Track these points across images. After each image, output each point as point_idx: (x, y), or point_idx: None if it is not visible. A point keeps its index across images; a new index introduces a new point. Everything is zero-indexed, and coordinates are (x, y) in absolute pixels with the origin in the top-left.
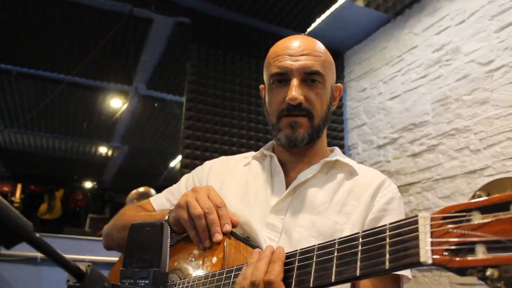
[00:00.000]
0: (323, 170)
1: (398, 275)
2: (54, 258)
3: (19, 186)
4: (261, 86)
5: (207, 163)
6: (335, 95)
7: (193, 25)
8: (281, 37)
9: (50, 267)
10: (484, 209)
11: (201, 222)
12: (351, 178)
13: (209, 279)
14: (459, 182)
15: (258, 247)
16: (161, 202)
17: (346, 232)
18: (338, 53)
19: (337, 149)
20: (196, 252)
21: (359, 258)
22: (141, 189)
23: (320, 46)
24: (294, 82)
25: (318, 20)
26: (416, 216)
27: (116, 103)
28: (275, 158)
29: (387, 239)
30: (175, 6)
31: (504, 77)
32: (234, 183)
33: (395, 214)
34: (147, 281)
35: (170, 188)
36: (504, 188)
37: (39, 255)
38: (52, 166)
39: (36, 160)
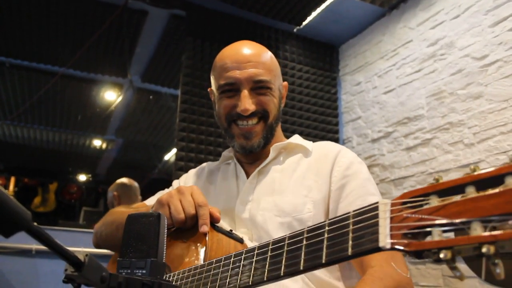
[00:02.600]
0: (278, 156)
1: None
2: (52, 248)
3: (12, 179)
4: (209, 89)
5: (189, 173)
6: (283, 94)
7: (188, 18)
8: (276, 30)
9: (45, 259)
10: (441, 192)
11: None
12: (307, 156)
13: (198, 271)
14: (453, 175)
15: (241, 239)
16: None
17: (309, 205)
18: (333, 46)
19: (295, 136)
20: (179, 246)
21: (325, 245)
22: (125, 181)
23: (264, 52)
24: (244, 93)
25: (314, 14)
26: (377, 202)
27: (111, 96)
28: (237, 162)
29: (350, 226)
30: None
31: (498, 71)
32: (207, 188)
33: (357, 177)
34: (144, 271)
35: (162, 192)
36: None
37: (34, 247)
38: (46, 159)
39: (29, 153)
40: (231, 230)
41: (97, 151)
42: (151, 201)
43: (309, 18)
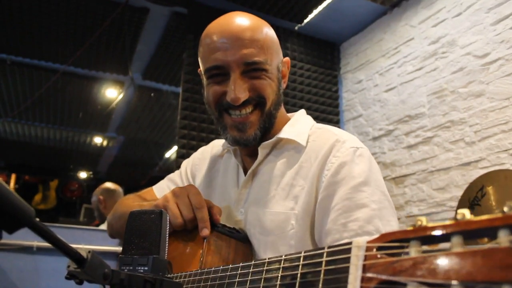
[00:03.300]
0: (268, 155)
1: None
2: (54, 244)
3: (13, 176)
4: (199, 70)
5: (198, 155)
6: (284, 72)
7: (189, 15)
8: (277, 28)
9: (46, 256)
10: (424, 239)
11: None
12: (298, 154)
13: (191, 278)
14: (454, 174)
15: (245, 237)
16: (163, 191)
17: (293, 220)
18: (335, 44)
19: (296, 115)
20: (178, 248)
21: (297, 283)
22: (110, 185)
23: (258, 26)
24: (234, 78)
25: (315, 12)
26: (350, 244)
27: (112, 93)
28: (235, 153)
29: (323, 266)
30: None
31: (500, 70)
32: (212, 187)
33: (346, 184)
34: (146, 268)
35: (171, 175)
36: (498, 180)
37: (35, 243)
38: (46, 156)
39: (30, 150)
40: (234, 228)
41: (98, 149)
42: (159, 186)
43: (310, 16)
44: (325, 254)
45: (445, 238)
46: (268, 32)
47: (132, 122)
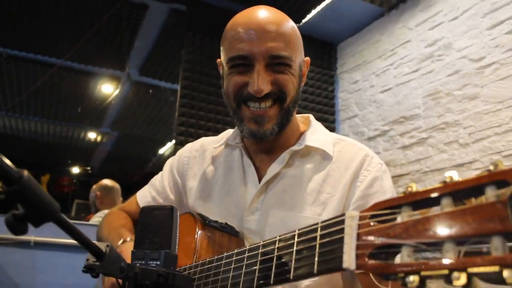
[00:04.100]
0: (293, 159)
1: None
2: (76, 238)
3: None
4: (218, 60)
5: (185, 153)
6: (304, 71)
7: (188, 13)
8: None
9: (43, 251)
10: (414, 204)
11: None
12: (325, 163)
13: (199, 269)
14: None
15: (237, 232)
16: (147, 200)
17: None
18: (332, 44)
19: (311, 124)
20: None
21: (293, 260)
22: (108, 182)
23: (285, 21)
24: (259, 69)
25: (314, 12)
26: (344, 215)
27: (108, 89)
28: (244, 151)
29: (318, 240)
30: None
31: (494, 73)
32: (211, 185)
33: (379, 197)
34: (158, 262)
35: (155, 180)
36: None
37: (32, 238)
38: (39, 150)
39: (22, 144)
40: (225, 223)
41: (91, 144)
42: (143, 196)
43: (309, 16)
44: (319, 229)
45: (435, 201)
46: (294, 28)
47: (127, 118)
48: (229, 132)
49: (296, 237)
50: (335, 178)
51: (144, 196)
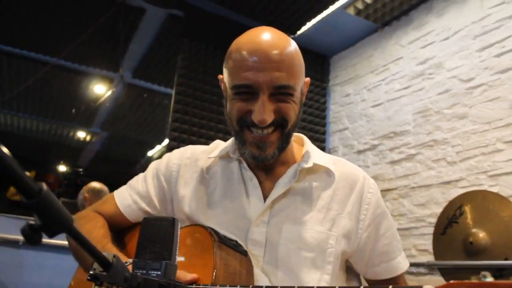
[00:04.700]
0: (300, 175)
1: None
2: (86, 248)
3: None
4: (220, 76)
5: (174, 160)
6: (304, 91)
7: (185, 19)
8: None
9: (31, 251)
10: None
11: None
12: (330, 180)
13: None
14: (434, 191)
15: (245, 251)
16: (127, 203)
17: (332, 240)
18: (325, 57)
19: (306, 142)
20: (184, 261)
21: None
22: (97, 185)
23: (289, 47)
24: (263, 100)
25: (309, 24)
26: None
27: (100, 89)
28: (245, 164)
29: None
30: None
31: (483, 95)
32: (207, 194)
33: (387, 216)
34: (159, 272)
35: (136, 183)
36: (476, 200)
37: (21, 237)
38: (27, 147)
39: (9, 140)
40: (236, 241)
41: (80, 143)
42: (123, 198)
43: (304, 28)
44: None
45: None
46: (297, 52)
47: (117, 119)
48: (219, 143)
49: None
50: (341, 196)
51: (124, 198)
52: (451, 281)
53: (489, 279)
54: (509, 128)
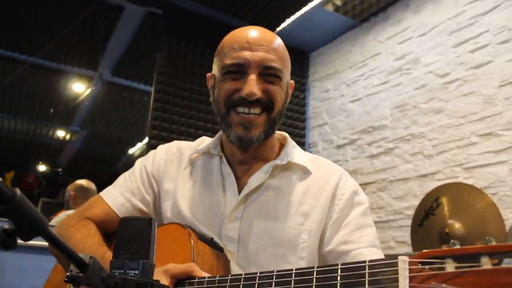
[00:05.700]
0: (274, 172)
1: None
2: (63, 250)
3: None
4: (208, 74)
5: (161, 155)
6: (288, 93)
7: (164, 16)
8: None
9: (9, 253)
10: (457, 257)
11: None
12: (305, 177)
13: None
14: (412, 184)
15: (222, 248)
16: (120, 202)
17: (305, 235)
18: (304, 53)
19: (288, 141)
20: (162, 259)
21: None
22: (83, 183)
23: (279, 40)
24: (252, 76)
25: (288, 21)
26: (396, 258)
27: (79, 88)
28: (224, 159)
29: (366, 277)
30: None
31: (458, 89)
32: (188, 188)
33: (358, 208)
34: (136, 272)
35: (125, 181)
36: (452, 192)
37: None
38: (4, 147)
39: None
40: (212, 238)
41: (59, 142)
42: (113, 198)
43: (283, 25)
44: (367, 267)
45: (475, 258)
46: (285, 49)
47: (97, 117)
48: (204, 139)
49: (339, 270)
50: (315, 191)
51: (115, 198)
52: (424, 251)
53: (458, 246)
54: (483, 121)
